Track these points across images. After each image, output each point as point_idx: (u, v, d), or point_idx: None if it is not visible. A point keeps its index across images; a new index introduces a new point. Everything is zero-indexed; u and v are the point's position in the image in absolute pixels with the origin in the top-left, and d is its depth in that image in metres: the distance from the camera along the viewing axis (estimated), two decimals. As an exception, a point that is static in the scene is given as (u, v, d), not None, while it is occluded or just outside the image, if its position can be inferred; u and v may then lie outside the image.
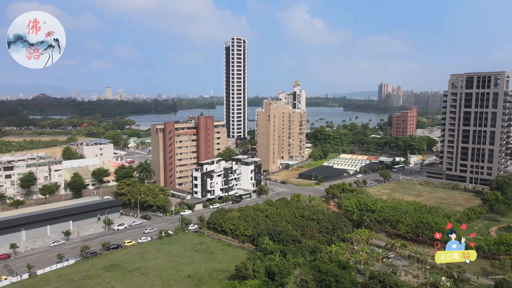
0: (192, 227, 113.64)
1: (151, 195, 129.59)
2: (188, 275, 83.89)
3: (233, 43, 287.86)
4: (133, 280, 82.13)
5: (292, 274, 75.32)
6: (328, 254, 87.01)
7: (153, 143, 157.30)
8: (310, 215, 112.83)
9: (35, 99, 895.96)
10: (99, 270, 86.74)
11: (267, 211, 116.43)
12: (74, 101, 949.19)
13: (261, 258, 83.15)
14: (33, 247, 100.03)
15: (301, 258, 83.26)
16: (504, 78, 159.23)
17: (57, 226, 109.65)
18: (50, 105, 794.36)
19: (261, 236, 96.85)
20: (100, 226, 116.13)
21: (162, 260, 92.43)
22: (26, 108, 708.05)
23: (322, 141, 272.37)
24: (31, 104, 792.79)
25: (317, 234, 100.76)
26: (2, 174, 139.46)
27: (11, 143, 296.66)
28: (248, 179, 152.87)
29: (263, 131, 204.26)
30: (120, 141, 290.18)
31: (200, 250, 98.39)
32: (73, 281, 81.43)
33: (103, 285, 79.44)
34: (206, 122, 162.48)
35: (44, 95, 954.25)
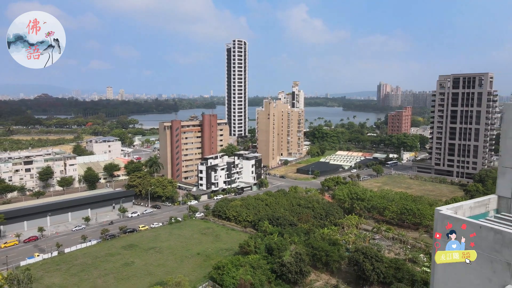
0: (199, 215, 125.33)
1: (160, 187, 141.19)
2: (197, 253, 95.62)
3: (234, 45, 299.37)
4: (150, 256, 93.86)
5: (288, 249, 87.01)
6: (321, 235, 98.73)
7: (161, 139, 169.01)
8: (306, 203, 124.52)
9: (37, 99, 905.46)
10: (118, 249, 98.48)
11: (267, 200, 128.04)
12: (76, 101, 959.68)
13: (262, 238, 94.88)
14: (57, 231, 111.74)
15: (297, 238, 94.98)
16: (488, 79, 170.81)
17: (77, 213, 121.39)
18: (53, 104, 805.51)
19: (261, 221, 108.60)
20: (115, 214, 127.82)
21: (173, 241, 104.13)
22: (29, 108, 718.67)
23: (319, 139, 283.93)
24: (34, 104, 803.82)
25: (312, 219, 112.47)
26: (22, 168, 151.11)
27: (20, 141, 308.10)
28: (249, 172, 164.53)
29: (263, 129, 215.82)
30: (126, 139, 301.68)
31: (207, 234, 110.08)
32: (97, 257, 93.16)
33: (124, 261, 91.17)
34: (210, 120, 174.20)
35: (46, 95, 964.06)
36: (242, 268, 79.56)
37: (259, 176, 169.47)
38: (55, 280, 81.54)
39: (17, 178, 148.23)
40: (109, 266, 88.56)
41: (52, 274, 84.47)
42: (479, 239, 16.95)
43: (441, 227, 18.81)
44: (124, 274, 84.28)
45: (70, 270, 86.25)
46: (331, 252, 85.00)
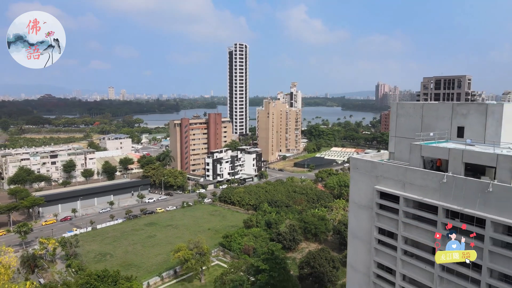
0: (207, 200, 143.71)
1: (172, 177, 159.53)
2: (208, 228, 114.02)
3: (236, 48, 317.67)
4: (168, 231, 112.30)
5: (284, 222, 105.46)
6: (312, 214, 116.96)
7: (172, 135, 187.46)
8: (301, 190, 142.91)
9: (41, 99, 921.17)
10: (141, 226, 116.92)
11: (266, 188, 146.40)
12: (80, 101, 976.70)
13: (262, 215, 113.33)
14: (86, 213, 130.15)
15: (291, 215, 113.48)
16: (466, 80, 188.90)
17: (102, 198, 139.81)
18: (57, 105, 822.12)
19: (262, 204, 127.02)
20: (134, 200, 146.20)
21: (187, 220, 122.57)
22: (35, 108, 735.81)
23: (316, 137, 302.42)
24: (38, 104, 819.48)
25: (305, 203, 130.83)
26: (49, 161, 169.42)
27: (33, 139, 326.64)
28: (250, 165, 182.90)
29: (263, 127, 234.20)
30: (134, 137, 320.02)
31: (215, 214, 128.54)
32: (124, 232, 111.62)
33: (147, 234, 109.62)
34: (215, 118, 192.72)
35: (49, 95, 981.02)
36: (246, 237, 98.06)
37: (259, 169, 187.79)
38: (94, 247, 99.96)
39: (44, 170, 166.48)
40: (136, 238, 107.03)
41: (90, 243, 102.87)
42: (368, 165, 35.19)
43: (353, 168, 37.02)
44: (149, 244, 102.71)
45: (104, 241, 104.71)
46: (319, 225, 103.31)
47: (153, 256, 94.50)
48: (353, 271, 38.23)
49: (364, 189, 35.40)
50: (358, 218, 36.79)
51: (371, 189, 34.33)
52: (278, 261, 63.19)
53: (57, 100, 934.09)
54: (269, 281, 60.94)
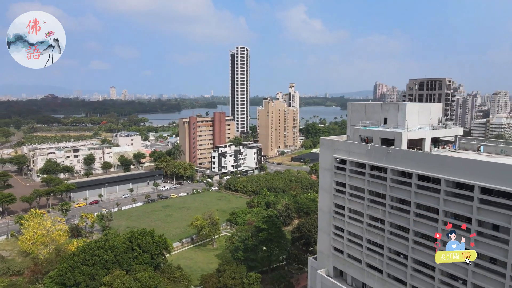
0: (214, 188, 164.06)
1: (182, 169, 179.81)
2: (216, 209, 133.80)
3: (237, 51, 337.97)
4: (182, 212, 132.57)
5: (280, 203, 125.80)
6: (305, 197, 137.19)
7: (181, 132, 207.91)
8: (296, 179, 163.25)
9: (44, 99, 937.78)
10: (159, 207, 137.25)
11: (266, 178, 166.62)
12: (83, 101, 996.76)
13: (262, 198, 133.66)
14: (110, 198, 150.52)
15: (287, 197, 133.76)
16: (446, 82, 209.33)
17: (122, 186, 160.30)
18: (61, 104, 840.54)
19: (262, 189, 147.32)
20: (149, 188, 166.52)
21: (197, 203, 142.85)
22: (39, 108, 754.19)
23: (313, 135, 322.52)
24: (42, 104, 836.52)
25: (299, 189, 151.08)
26: (71, 155, 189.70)
27: (46, 137, 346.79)
28: (252, 159, 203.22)
29: (263, 125, 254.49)
30: (142, 135, 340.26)
31: (221, 199, 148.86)
32: (145, 212, 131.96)
33: (165, 213, 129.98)
34: (220, 116, 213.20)
35: (53, 95, 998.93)
36: (249, 214, 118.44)
37: (259, 162, 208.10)
38: (122, 223, 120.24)
39: (67, 163, 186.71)
40: (156, 216, 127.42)
41: (119, 220, 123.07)
42: (329, 143, 55.28)
43: (321, 145, 57.19)
44: (167, 220, 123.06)
45: (130, 219, 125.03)
46: (310, 205, 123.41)
47: (172, 229, 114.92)
48: (322, 213, 58.41)
49: (327, 157, 55.53)
50: (324, 177, 56.92)
51: (331, 157, 54.43)
52: (274, 222, 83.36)
53: (61, 100, 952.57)
54: (267, 237, 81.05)
